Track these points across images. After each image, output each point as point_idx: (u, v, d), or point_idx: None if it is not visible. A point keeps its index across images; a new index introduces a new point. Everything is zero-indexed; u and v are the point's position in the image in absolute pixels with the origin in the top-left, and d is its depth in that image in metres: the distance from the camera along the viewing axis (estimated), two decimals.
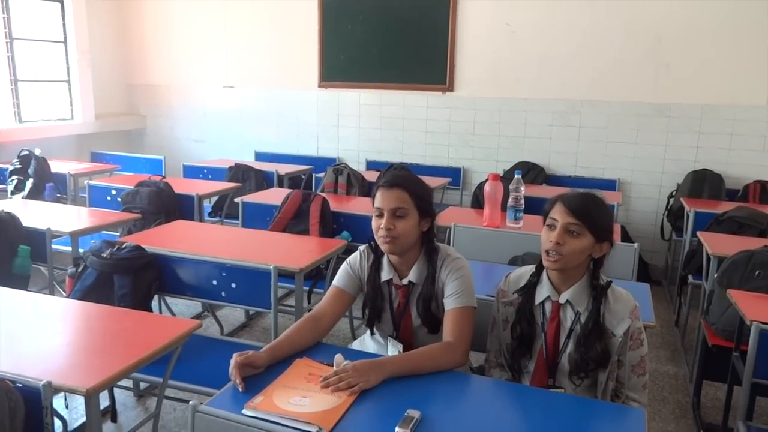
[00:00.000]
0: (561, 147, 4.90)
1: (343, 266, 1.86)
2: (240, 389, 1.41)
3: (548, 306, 1.65)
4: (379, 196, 1.74)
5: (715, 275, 2.72)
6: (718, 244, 2.97)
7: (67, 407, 2.61)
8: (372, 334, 1.92)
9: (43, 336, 1.72)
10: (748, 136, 4.43)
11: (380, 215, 1.73)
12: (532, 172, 4.85)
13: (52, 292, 2.80)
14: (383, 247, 1.75)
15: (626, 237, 4.33)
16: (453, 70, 5.07)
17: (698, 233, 3.22)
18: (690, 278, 3.48)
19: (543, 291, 1.66)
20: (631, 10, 4.52)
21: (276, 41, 5.59)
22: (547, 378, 1.66)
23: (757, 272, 2.56)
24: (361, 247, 1.88)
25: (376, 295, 1.82)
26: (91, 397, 1.43)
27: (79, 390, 1.41)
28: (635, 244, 2.59)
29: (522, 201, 3.03)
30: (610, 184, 4.71)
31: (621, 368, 1.61)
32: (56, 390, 1.42)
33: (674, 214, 4.42)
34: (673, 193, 4.54)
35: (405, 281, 1.80)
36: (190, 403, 1.33)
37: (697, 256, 3.44)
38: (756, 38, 4.28)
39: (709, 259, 2.96)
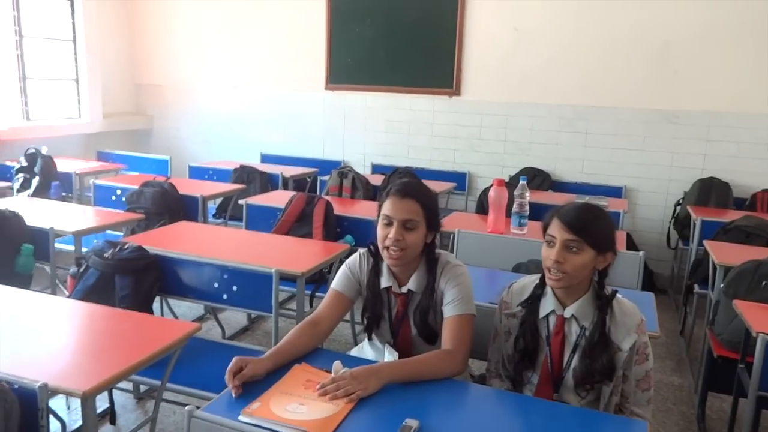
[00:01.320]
0: (567, 153, 4.87)
1: (342, 269, 1.84)
2: (234, 395, 1.39)
3: (552, 320, 1.63)
4: (390, 205, 1.70)
5: (721, 285, 2.69)
6: (725, 254, 2.93)
7: (69, 408, 2.60)
8: (370, 339, 1.90)
9: (42, 336, 1.72)
10: (755, 144, 4.39)
11: (389, 224, 1.70)
12: (537, 178, 4.82)
13: (54, 292, 2.80)
14: (388, 261, 1.73)
15: (632, 245, 4.30)
16: (460, 74, 5.06)
17: (704, 242, 3.19)
18: (696, 288, 3.44)
19: (547, 304, 1.63)
20: (639, 16, 4.49)
21: (283, 43, 5.60)
22: (552, 393, 1.63)
23: (764, 283, 2.52)
24: (361, 250, 1.85)
25: (376, 299, 1.80)
26: (87, 399, 1.42)
27: (76, 392, 1.40)
28: (640, 253, 2.56)
29: (527, 207, 3.00)
30: (616, 191, 4.68)
31: (626, 383, 1.59)
32: (53, 392, 1.41)
33: (681, 222, 4.38)
34: (680, 201, 4.50)
35: (404, 289, 1.78)
36: (186, 408, 1.31)
37: (703, 265, 3.40)
38: (763, 45, 4.24)
39: (715, 268, 2.92)
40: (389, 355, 1.79)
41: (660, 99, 4.55)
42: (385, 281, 1.79)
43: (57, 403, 2.54)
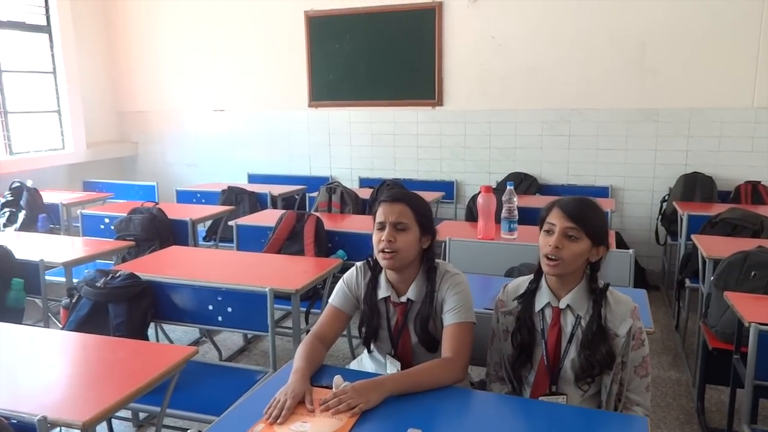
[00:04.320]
0: (552, 156, 4.92)
1: (339, 284, 1.86)
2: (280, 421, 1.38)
3: (548, 312, 1.66)
4: (382, 210, 1.75)
5: (712, 278, 2.72)
6: (713, 247, 2.97)
7: None
8: (369, 352, 1.90)
9: (38, 369, 1.70)
10: (736, 137, 4.46)
11: (381, 228, 1.73)
12: (524, 183, 4.86)
13: (47, 325, 2.77)
14: (383, 263, 1.75)
15: (621, 243, 4.33)
16: (441, 84, 5.10)
17: (693, 236, 3.23)
18: (687, 282, 3.47)
19: (542, 298, 1.66)
20: (615, 18, 4.57)
21: (264, 63, 5.62)
22: (549, 385, 1.64)
23: (753, 273, 2.56)
24: (358, 264, 1.87)
25: (373, 313, 1.81)
26: (87, 429, 1.40)
27: (75, 424, 1.39)
28: (630, 251, 2.59)
29: (515, 212, 3.03)
30: (602, 191, 4.73)
31: (624, 370, 1.60)
32: (52, 424, 1.40)
33: (668, 218, 4.43)
34: (666, 198, 4.56)
35: (403, 299, 1.79)
36: (189, 431, 1.31)
37: (692, 259, 3.44)
38: (739, 40, 4.33)
39: (704, 262, 2.96)
40: (391, 366, 1.80)
41: (640, 98, 4.62)
42: (383, 292, 1.80)
43: None
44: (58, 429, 2.28)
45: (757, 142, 4.42)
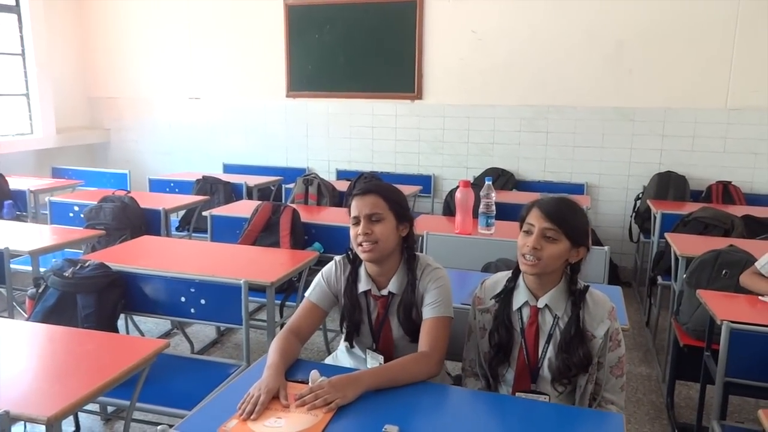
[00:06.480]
0: (529, 153, 4.94)
1: (317, 279, 1.83)
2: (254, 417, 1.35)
3: (526, 311, 1.65)
4: (354, 205, 1.73)
5: (684, 276, 2.76)
6: (686, 245, 3.01)
7: None
8: (351, 347, 1.88)
9: (1, 362, 1.64)
10: (709, 138, 4.54)
11: (357, 223, 1.71)
12: (501, 178, 4.88)
13: (11, 315, 2.69)
14: (363, 256, 1.73)
15: (595, 240, 4.38)
16: (421, 78, 5.08)
17: (666, 234, 3.27)
18: (659, 279, 3.53)
19: (520, 296, 1.65)
20: (593, 17, 4.60)
21: (242, 52, 5.53)
22: (530, 383, 1.64)
23: (724, 272, 2.60)
24: (337, 258, 1.84)
25: (354, 307, 1.79)
26: (52, 425, 1.35)
27: (40, 419, 1.34)
28: (606, 248, 2.61)
29: (493, 207, 3.03)
30: (578, 188, 4.77)
31: (600, 370, 1.61)
32: (15, 419, 1.35)
33: (641, 216, 4.50)
34: (640, 196, 4.62)
35: (384, 292, 1.77)
36: (158, 428, 1.27)
37: (665, 257, 3.50)
38: (713, 42, 4.40)
39: (677, 259, 3.00)
40: (372, 360, 1.78)
41: (616, 97, 4.66)
42: (363, 285, 1.78)
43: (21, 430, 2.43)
44: (21, 424, 2.21)
45: (729, 143, 4.50)
